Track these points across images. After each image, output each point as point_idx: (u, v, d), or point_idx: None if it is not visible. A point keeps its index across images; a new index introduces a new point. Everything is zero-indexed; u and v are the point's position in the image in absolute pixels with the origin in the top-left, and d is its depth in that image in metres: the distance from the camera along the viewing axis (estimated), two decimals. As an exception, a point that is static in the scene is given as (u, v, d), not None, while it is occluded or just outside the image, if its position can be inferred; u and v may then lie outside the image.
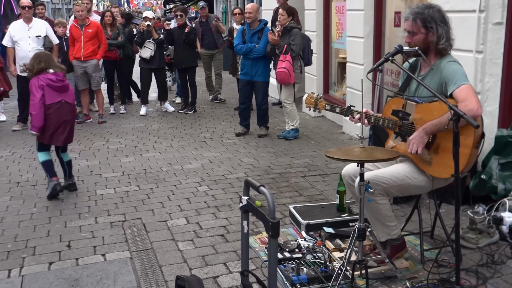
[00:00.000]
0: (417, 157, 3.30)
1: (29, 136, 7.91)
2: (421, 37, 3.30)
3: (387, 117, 3.41)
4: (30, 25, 8.14)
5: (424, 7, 3.32)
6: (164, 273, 3.58)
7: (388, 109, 3.46)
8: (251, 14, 7.29)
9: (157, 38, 9.06)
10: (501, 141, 4.35)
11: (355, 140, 7.15)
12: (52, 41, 8.30)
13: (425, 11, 3.28)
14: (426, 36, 3.29)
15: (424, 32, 3.28)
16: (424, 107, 3.25)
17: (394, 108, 3.41)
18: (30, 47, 8.05)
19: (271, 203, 2.50)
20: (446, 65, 3.27)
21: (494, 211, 4.09)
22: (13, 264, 3.77)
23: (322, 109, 3.69)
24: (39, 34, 8.14)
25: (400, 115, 3.36)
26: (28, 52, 8.00)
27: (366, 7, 6.92)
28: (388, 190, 3.32)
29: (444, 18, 3.30)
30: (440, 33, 3.26)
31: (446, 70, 3.24)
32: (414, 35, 3.32)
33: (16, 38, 8.11)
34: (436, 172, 3.25)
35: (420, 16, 3.27)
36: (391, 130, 3.45)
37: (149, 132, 8.08)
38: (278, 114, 8.82)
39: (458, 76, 3.18)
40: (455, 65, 3.25)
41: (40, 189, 5.45)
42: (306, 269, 3.43)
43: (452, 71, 3.22)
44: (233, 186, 5.39)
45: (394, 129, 3.40)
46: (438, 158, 3.22)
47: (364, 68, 7.04)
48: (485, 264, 3.52)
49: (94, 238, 4.21)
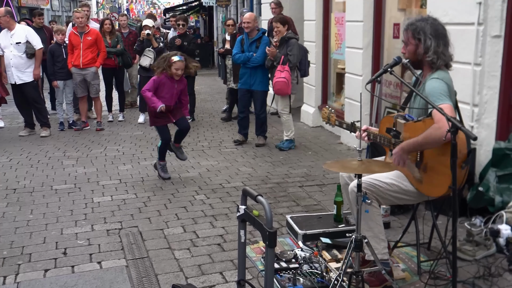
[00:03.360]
0: (409, 174, 3.31)
1: (27, 142, 7.94)
2: (412, 48, 3.33)
3: (383, 135, 3.43)
4: (12, 32, 8.09)
5: (418, 19, 3.34)
6: (160, 282, 3.56)
7: (383, 126, 3.48)
8: (249, 24, 7.31)
9: (157, 46, 9.08)
10: (499, 153, 4.35)
11: (353, 150, 7.16)
12: (34, 46, 8.16)
13: (418, 23, 3.30)
14: (416, 47, 3.31)
15: (414, 43, 3.31)
16: (411, 126, 3.25)
17: (387, 126, 3.43)
18: (11, 54, 8.05)
19: (268, 213, 2.50)
20: (428, 82, 3.24)
21: (491, 223, 4.09)
22: (8, 271, 3.74)
23: (333, 124, 3.76)
24: (19, 40, 8.07)
25: (392, 134, 3.38)
26: (10, 59, 8.03)
27: (365, 18, 6.96)
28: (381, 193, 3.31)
29: (437, 32, 3.26)
30: (428, 45, 3.25)
31: (427, 87, 3.22)
32: (407, 45, 3.37)
33: (2, 46, 8.11)
34: (426, 190, 3.25)
35: (411, 27, 3.31)
36: (387, 147, 3.46)
37: (147, 140, 8.08)
38: (276, 124, 8.83)
39: (437, 95, 3.10)
40: (436, 82, 3.19)
41: (36, 195, 5.43)
42: (302, 279, 3.42)
43: (431, 89, 3.17)
44: (230, 195, 5.38)
45: (389, 147, 3.40)
46: (427, 177, 3.21)
47: (362, 79, 7.06)
48: (482, 277, 3.52)
49: (90, 245, 4.19)
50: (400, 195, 3.36)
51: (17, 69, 8.07)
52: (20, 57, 8.08)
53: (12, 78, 8.11)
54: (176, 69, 5.71)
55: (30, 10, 26.11)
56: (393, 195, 3.35)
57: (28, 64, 8.16)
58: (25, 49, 8.10)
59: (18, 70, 8.08)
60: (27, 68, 8.15)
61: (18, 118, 9.42)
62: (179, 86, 5.88)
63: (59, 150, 7.44)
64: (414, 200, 3.43)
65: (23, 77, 8.13)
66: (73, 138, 8.24)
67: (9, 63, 8.06)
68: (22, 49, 8.09)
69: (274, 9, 9.48)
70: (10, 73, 8.10)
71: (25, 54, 8.10)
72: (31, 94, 8.28)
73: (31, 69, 8.19)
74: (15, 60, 8.05)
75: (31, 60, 8.18)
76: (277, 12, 9.36)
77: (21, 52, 8.09)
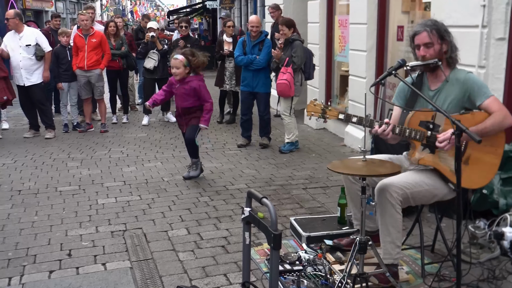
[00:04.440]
0: (445, 167, 3.31)
1: (31, 144, 7.97)
2: (437, 48, 3.34)
3: (415, 128, 3.35)
4: (21, 34, 8.14)
5: (434, 21, 3.41)
6: (165, 284, 3.57)
7: (416, 120, 3.37)
8: (257, 28, 7.32)
9: (161, 48, 9.11)
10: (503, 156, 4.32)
11: (357, 153, 7.16)
12: (44, 49, 8.25)
13: (437, 23, 3.37)
14: (441, 47, 3.35)
15: (440, 42, 3.34)
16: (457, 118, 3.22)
17: (422, 119, 3.36)
18: (21, 56, 8.10)
19: (273, 215, 2.51)
20: (467, 77, 3.33)
21: (495, 226, 4.09)
22: (13, 272, 3.76)
23: (334, 118, 3.38)
24: (28, 43, 8.12)
25: (430, 126, 3.33)
26: (19, 61, 8.09)
27: (369, 21, 6.97)
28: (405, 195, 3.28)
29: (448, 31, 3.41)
30: (453, 43, 3.37)
31: (469, 82, 3.31)
32: (430, 46, 3.34)
33: (9, 48, 8.14)
34: (464, 182, 3.14)
35: (435, 27, 3.34)
36: (418, 142, 3.39)
37: (151, 142, 8.10)
38: (280, 126, 8.83)
39: (484, 87, 3.30)
40: (476, 77, 3.36)
41: (41, 197, 5.46)
42: (306, 281, 3.43)
43: (477, 82, 3.32)
44: (234, 197, 5.39)
45: (421, 140, 3.37)
46: (468, 169, 3.24)
47: (366, 81, 7.07)
48: (486, 279, 3.52)
49: (94, 247, 4.20)
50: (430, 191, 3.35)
51: (26, 71, 8.13)
52: (30, 59, 8.13)
53: (21, 80, 8.16)
54: (171, 68, 5.60)
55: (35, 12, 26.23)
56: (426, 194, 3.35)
57: (37, 66, 8.22)
58: (34, 51, 8.16)
59: (27, 72, 8.14)
60: (36, 70, 8.22)
61: (23, 120, 9.46)
62: (184, 87, 5.71)
63: (64, 152, 7.46)
64: (445, 195, 3.39)
65: (32, 78, 8.19)
66: (78, 140, 8.27)
67: (18, 65, 8.10)
68: (32, 51, 8.15)
69: (273, 13, 9.50)
70: (18, 75, 8.14)
71: (34, 56, 8.15)
72: (37, 96, 8.33)
73: (39, 71, 8.25)
74: (25, 62, 8.10)
75: (40, 62, 8.24)
76: (275, 15, 9.39)
77: (30, 54, 8.14)
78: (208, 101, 5.81)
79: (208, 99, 5.81)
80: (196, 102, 5.77)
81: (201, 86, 5.74)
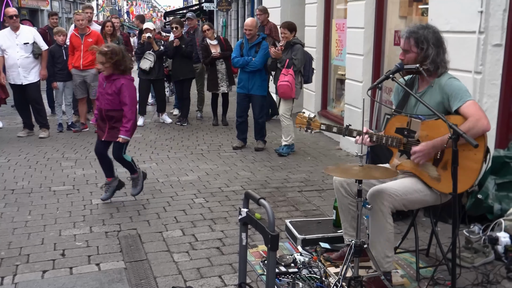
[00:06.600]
0: (424, 174, 3.31)
1: (25, 143, 7.93)
2: (412, 56, 3.35)
3: (391, 135, 3.39)
4: (17, 32, 8.10)
5: (420, 27, 3.37)
6: (159, 285, 3.55)
7: (391, 127, 3.43)
8: (251, 31, 7.34)
9: (157, 49, 9.10)
10: (498, 161, 4.37)
11: (352, 156, 7.17)
12: (41, 47, 8.22)
13: (420, 31, 3.33)
14: (417, 55, 3.34)
15: (416, 51, 3.33)
16: (430, 124, 3.27)
17: (398, 126, 3.39)
18: (18, 55, 8.05)
19: (271, 216, 2.50)
20: (448, 82, 3.31)
21: (490, 231, 4.10)
22: (6, 272, 3.73)
23: (317, 129, 3.64)
24: (27, 41, 8.09)
25: (405, 133, 3.36)
26: (17, 60, 8.04)
27: (367, 25, 6.99)
28: (396, 202, 3.28)
29: (438, 41, 3.34)
30: (428, 54, 3.31)
31: (448, 87, 3.29)
32: (406, 53, 3.38)
33: (4, 46, 8.06)
34: (445, 188, 3.23)
35: (414, 35, 3.33)
36: (395, 148, 3.44)
37: (146, 143, 8.07)
38: (275, 129, 8.83)
39: (462, 92, 3.25)
40: (457, 82, 3.32)
41: (35, 196, 5.42)
42: (301, 284, 3.42)
43: (455, 87, 3.28)
44: (229, 199, 5.38)
45: (398, 147, 3.39)
46: (447, 174, 3.22)
47: (363, 85, 7.08)
48: (480, 284, 3.52)
49: (88, 247, 4.18)
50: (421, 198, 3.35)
51: (24, 70, 8.09)
52: (27, 58, 8.10)
53: (19, 79, 8.11)
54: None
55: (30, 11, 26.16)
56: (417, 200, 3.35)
57: (34, 64, 8.19)
58: (32, 49, 8.13)
59: (25, 70, 8.10)
60: (33, 68, 8.18)
61: (17, 119, 9.40)
62: (109, 87, 4.93)
63: (58, 152, 7.43)
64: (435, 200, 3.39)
65: (29, 77, 8.16)
66: (72, 140, 8.23)
67: (15, 64, 8.05)
68: (29, 50, 8.13)
69: (259, 15, 9.52)
70: (16, 74, 8.09)
71: (32, 54, 8.13)
72: (33, 95, 8.29)
73: (36, 69, 8.22)
74: (22, 61, 8.06)
75: (37, 60, 8.21)
76: (261, 18, 9.43)
77: (28, 53, 8.11)
78: (127, 104, 4.90)
79: (127, 103, 4.90)
80: (119, 106, 4.95)
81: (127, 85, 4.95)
